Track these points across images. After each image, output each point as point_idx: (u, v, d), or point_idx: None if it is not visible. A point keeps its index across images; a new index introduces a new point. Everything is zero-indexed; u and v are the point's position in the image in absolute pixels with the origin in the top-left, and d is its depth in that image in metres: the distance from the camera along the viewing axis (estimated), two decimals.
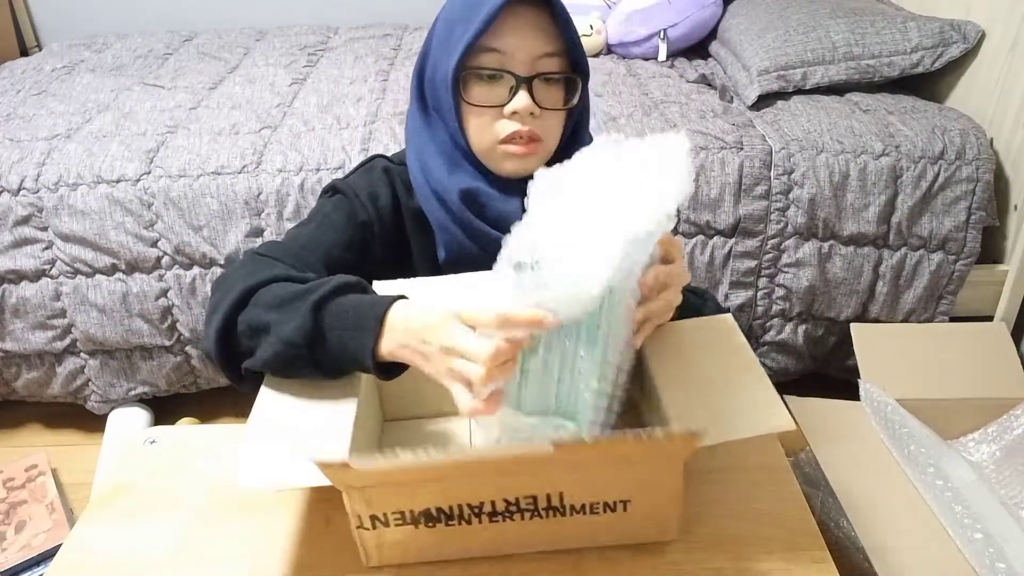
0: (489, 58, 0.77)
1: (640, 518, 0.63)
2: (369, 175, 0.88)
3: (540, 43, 0.77)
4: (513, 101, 0.77)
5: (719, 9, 2.07)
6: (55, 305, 1.52)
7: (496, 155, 0.81)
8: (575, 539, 0.64)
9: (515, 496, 0.60)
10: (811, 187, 1.52)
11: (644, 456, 0.59)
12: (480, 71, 0.78)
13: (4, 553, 1.38)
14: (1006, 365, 1.42)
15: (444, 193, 0.83)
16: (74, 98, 1.84)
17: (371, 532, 0.61)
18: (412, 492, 0.59)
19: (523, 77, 0.77)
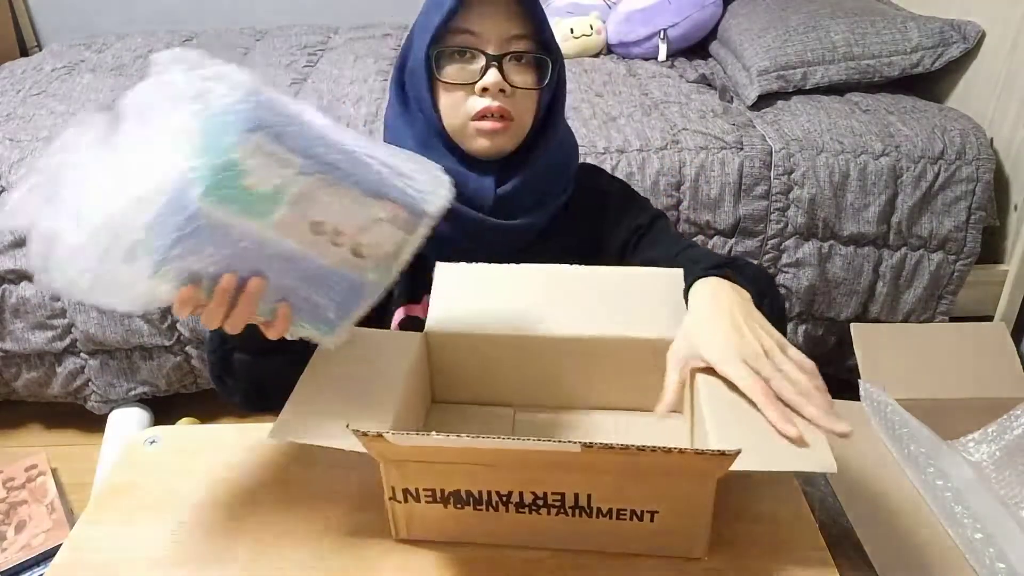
0: (461, 38, 0.81)
1: (667, 530, 0.63)
2: None
3: (510, 25, 0.81)
4: (484, 78, 0.80)
5: (719, 9, 2.07)
6: (55, 305, 1.52)
7: (468, 133, 0.84)
8: (601, 542, 0.64)
9: (543, 491, 0.61)
10: (811, 187, 1.52)
11: (674, 470, 0.59)
12: (452, 49, 0.81)
13: (4, 553, 1.38)
14: (1006, 365, 1.42)
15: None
16: (74, 98, 1.84)
17: (402, 505, 0.63)
18: (444, 472, 0.61)
19: (493, 55, 0.80)
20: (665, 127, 1.60)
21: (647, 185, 1.50)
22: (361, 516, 0.68)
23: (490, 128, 0.82)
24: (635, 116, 1.66)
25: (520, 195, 0.87)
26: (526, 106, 0.84)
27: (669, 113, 1.67)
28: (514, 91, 0.82)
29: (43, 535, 1.41)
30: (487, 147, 0.84)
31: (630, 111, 1.69)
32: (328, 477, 0.73)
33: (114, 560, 0.65)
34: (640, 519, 0.62)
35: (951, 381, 1.35)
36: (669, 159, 1.52)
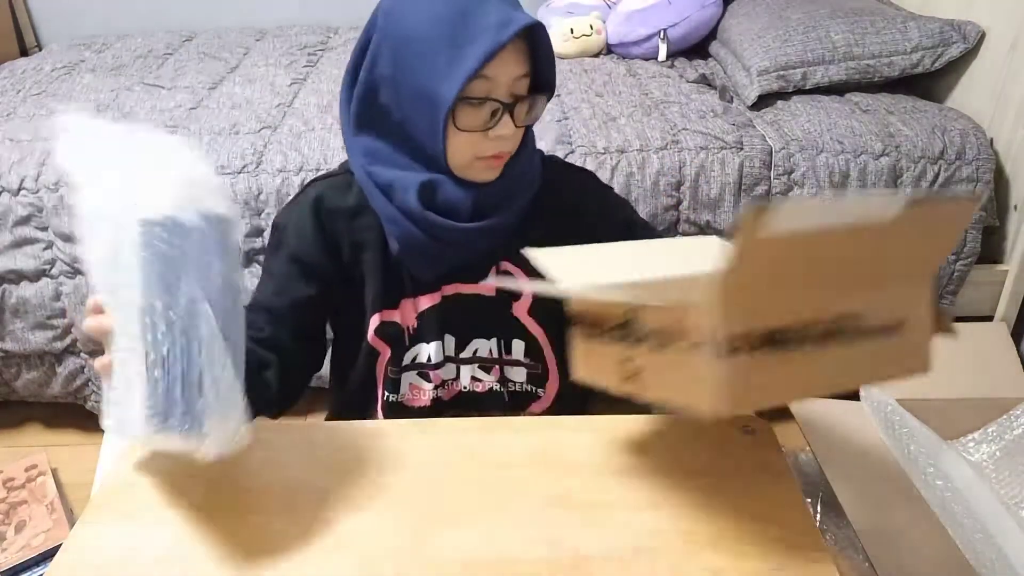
0: (478, 86, 0.78)
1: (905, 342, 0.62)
2: (299, 206, 0.90)
3: (518, 66, 0.79)
4: (498, 127, 0.80)
5: (719, 9, 2.07)
6: (55, 305, 1.52)
7: (473, 167, 0.83)
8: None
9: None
10: (811, 187, 1.52)
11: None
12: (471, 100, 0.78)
13: (4, 553, 1.38)
14: (1006, 365, 1.42)
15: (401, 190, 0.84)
16: (74, 98, 1.84)
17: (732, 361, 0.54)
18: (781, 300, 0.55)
19: (506, 104, 0.79)
20: (665, 127, 1.60)
21: (647, 185, 1.50)
22: (362, 516, 0.68)
23: (497, 164, 0.84)
24: (635, 116, 1.66)
25: (500, 195, 0.87)
26: (520, 135, 0.85)
27: (669, 113, 1.67)
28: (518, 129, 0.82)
29: (43, 535, 1.41)
30: (488, 177, 0.84)
31: (630, 111, 1.69)
32: (329, 477, 0.73)
33: (114, 560, 0.65)
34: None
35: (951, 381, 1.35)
36: (669, 159, 1.52)
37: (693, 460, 0.75)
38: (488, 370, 0.94)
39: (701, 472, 0.73)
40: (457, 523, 0.68)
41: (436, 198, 0.84)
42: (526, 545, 0.66)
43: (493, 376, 0.95)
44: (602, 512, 0.69)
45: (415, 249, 0.86)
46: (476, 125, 0.80)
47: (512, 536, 0.66)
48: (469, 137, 0.80)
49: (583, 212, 0.95)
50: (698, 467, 0.74)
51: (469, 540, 0.66)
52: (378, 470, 0.73)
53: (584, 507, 0.69)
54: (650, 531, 0.67)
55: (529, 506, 0.69)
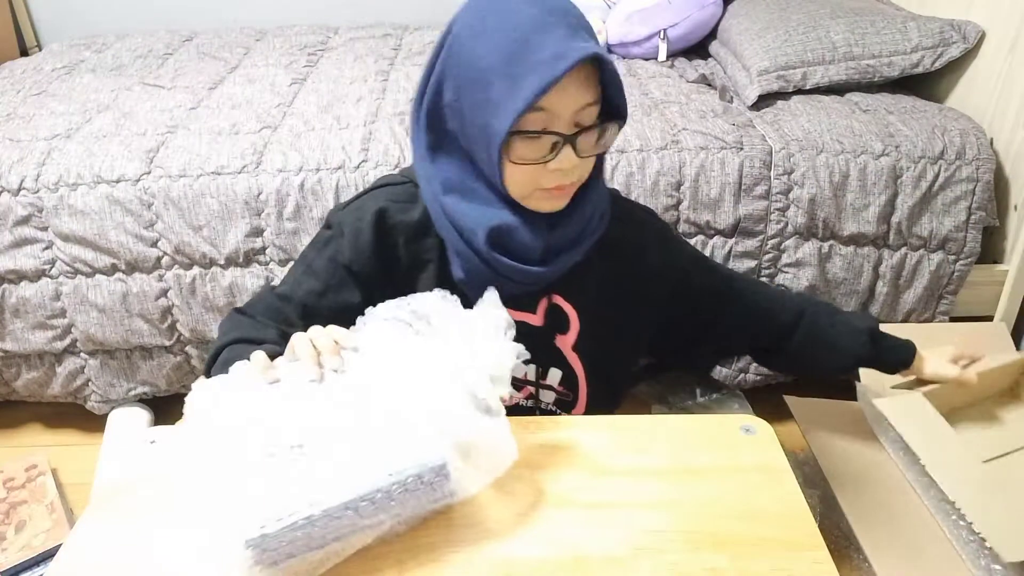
0: (534, 119, 0.75)
1: None
2: (361, 212, 0.88)
3: (582, 96, 0.75)
4: (557, 159, 0.76)
5: (719, 9, 2.07)
6: (55, 305, 1.52)
7: (534, 197, 0.81)
8: None
9: None
10: (811, 187, 1.52)
11: None
12: (527, 133, 0.75)
13: (4, 553, 1.38)
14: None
15: (469, 231, 0.82)
16: (74, 98, 1.84)
17: None
18: None
19: (567, 136, 0.76)
20: (665, 127, 1.60)
21: (647, 185, 1.50)
22: None
23: (556, 196, 0.80)
24: (635, 116, 1.66)
25: (568, 239, 0.85)
26: (588, 165, 0.81)
27: (669, 113, 1.67)
28: (582, 160, 0.78)
29: (43, 535, 1.41)
30: (552, 207, 0.82)
31: (630, 111, 1.66)
32: None
33: (114, 560, 0.65)
34: None
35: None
36: (669, 159, 1.52)
37: (693, 460, 0.75)
38: (519, 388, 0.94)
39: (701, 472, 0.74)
40: (457, 523, 0.68)
41: (508, 241, 0.82)
42: (526, 545, 0.66)
43: (522, 394, 0.94)
44: (602, 512, 0.69)
45: (479, 281, 0.83)
46: (534, 157, 0.77)
47: (512, 536, 0.66)
48: (528, 169, 0.77)
49: (644, 257, 0.94)
50: (698, 467, 0.74)
51: (469, 540, 0.66)
52: None
53: (584, 507, 0.69)
54: (650, 531, 0.67)
55: (529, 506, 0.69)
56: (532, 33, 0.72)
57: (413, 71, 1.98)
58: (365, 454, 0.62)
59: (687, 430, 0.80)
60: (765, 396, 1.57)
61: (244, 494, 0.59)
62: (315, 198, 1.49)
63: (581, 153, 0.77)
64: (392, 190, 0.90)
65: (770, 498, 0.70)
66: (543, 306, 0.90)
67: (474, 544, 0.66)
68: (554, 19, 0.73)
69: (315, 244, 0.91)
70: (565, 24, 0.73)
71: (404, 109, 1.71)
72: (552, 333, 0.92)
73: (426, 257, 0.88)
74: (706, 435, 0.79)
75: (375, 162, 1.51)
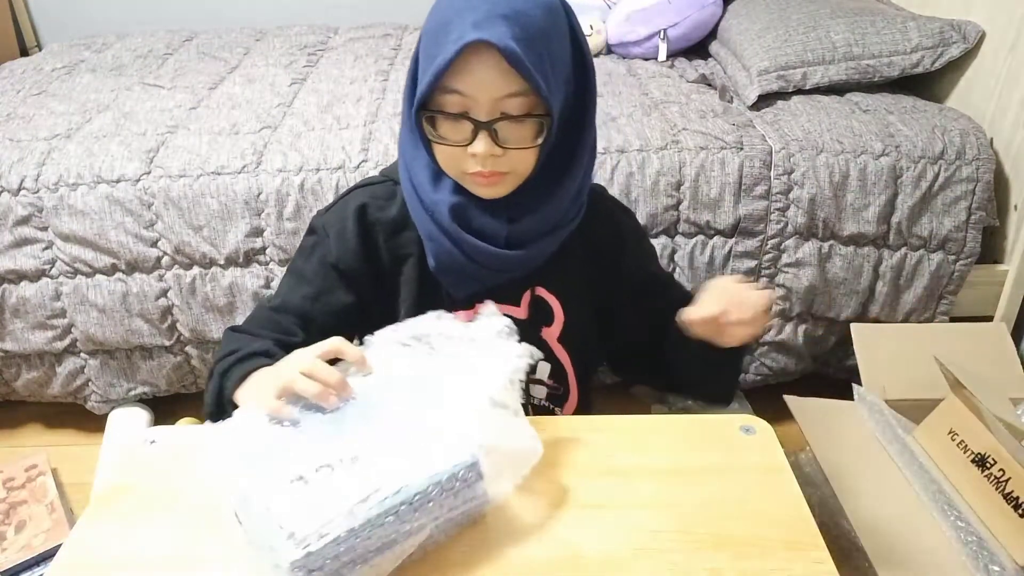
0: (451, 100, 0.76)
1: None
2: (342, 211, 0.90)
3: (503, 84, 0.75)
4: (473, 144, 0.77)
5: (719, 9, 2.07)
6: (55, 305, 1.52)
7: (466, 181, 0.82)
8: None
9: None
10: (811, 187, 1.52)
11: None
12: (446, 114, 0.77)
13: (4, 553, 1.38)
14: (1006, 365, 1.42)
15: (433, 207, 0.84)
16: (74, 98, 1.84)
17: None
18: None
19: (482, 122, 0.76)
20: (665, 127, 1.60)
21: (647, 185, 1.50)
22: None
23: (484, 182, 0.81)
24: (635, 116, 1.66)
25: (534, 230, 0.85)
26: (522, 158, 0.80)
27: (669, 113, 1.67)
28: (507, 151, 0.78)
29: (43, 535, 1.41)
30: (488, 194, 0.82)
31: (630, 111, 1.69)
32: None
33: (114, 560, 0.65)
34: None
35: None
36: (669, 159, 1.52)
37: (693, 460, 0.75)
38: None
39: (701, 472, 0.74)
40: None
41: (471, 223, 0.84)
42: (526, 545, 0.66)
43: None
44: (602, 512, 0.69)
45: (451, 267, 0.85)
46: (456, 140, 0.78)
47: (512, 536, 0.66)
48: (452, 150, 0.79)
49: (618, 255, 0.95)
50: (698, 467, 0.74)
51: (469, 540, 0.66)
52: None
53: (584, 507, 0.69)
54: (650, 531, 0.67)
55: (529, 506, 0.69)
56: (454, 15, 0.74)
57: None
58: (397, 462, 0.62)
59: (687, 430, 0.80)
60: (765, 396, 1.57)
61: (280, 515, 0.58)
62: (315, 198, 1.49)
63: (503, 143, 0.77)
64: (370, 189, 0.92)
65: (770, 498, 0.70)
66: (526, 299, 0.91)
67: (474, 544, 0.66)
68: (481, 3, 0.74)
69: (302, 252, 0.92)
70: (485, 10, 0.73)
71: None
72: (538, 326, 0.92)
73: (406, 252, 0.89)
74: (706, 435, 0.79)
75: (375, 162, 1.51)
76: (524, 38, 0.73)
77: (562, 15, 0.79)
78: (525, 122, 0.77)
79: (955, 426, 1.16)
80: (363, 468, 0.61)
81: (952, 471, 1.14)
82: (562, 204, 0.85)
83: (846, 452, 1.22)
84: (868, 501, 1.13)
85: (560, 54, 0.79)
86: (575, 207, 0.88)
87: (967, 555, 1.03)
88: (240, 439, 0.65)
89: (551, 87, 0.76)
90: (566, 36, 0.80)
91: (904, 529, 1.09)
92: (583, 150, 0.85)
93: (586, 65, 0.82)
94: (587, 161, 0.86)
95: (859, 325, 1.47)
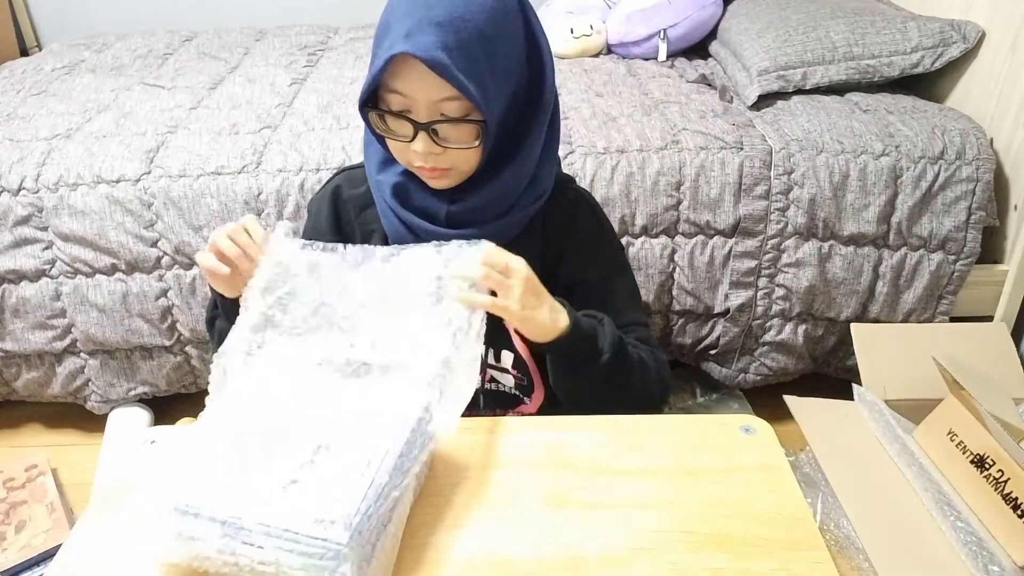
0: (394, 98, 0.80)
1: None
2: (322, 195, 1.00)
3: (435, 90, 0.78)
4: (413, 143, 0.81)
5: (719, 9, 2.07)
6: (55, 305, 1.52)
7: (416, 172, 0.87)
8: None
9: None
10: (811, 187, 1.52)
11: None
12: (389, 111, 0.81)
13: (4, 553, 1.38)
14: (1006, 365, 1.42)
15: (378, 187, 0.92)
16: (74, 98, 1.84)
17: None
18: None
19: (420, 123, 0.80)
20: (665, 127, 1.60)
21: (647, 185, 1.50)
22: None
23: (429, 175, 0.85)
24: (635, 116, 1.66)
25: (477, 210, 0.88)
26: (464, 157, 0.84)
27: (669, 113, 1.67)
28: (447, 149, 0.82)
29: (43, 535, 1.41)
30: (435, 185, 0.87)
31: (630, 111, 1.69)
32: None
33: (114, 560, 0.65)
34: None
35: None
36: (669, 159, 1.52)
37: (693, 460, 0.75)
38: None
39: (701, 472, 0.74)
40: (457, 523, 0.68)
41: (412, 201, 0.89)
42: (526, 545, 0.66)
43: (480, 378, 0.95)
44: (602, 512, 0.69)
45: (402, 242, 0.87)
46: (401, 135, 0.82)
47: (512, 536, 0.66)
48: (399, 144, 0.84)
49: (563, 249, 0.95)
50: (698, 467, 0.74)
51: (469, 540, 0.66)
52: None
53: (584, 507, 0.69)
54: (650, 531, 0.67)
55: (529, 506, 0.69)
56: (394, 20, 0.78)
57: None
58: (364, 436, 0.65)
59: (687, 430, 0.80)
60: (765, 396, 1.57)
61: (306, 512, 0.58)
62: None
63: (443, 142, 0.81)
64: (349, 172, 1.01)
65: (770, 498, 0.70)
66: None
67: (474, 544, 0.66)
68: (418, 9, 0.76)
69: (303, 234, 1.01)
70: (420, 17, 0.76)
71: None
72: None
73: (371, 227, 0.96)
74: (706, 435, 0.79)
75: None
76: (456, 46, 0.76)
77: (513, 14, 0.81)
78: (462, 125, 0.81)
79: (954, 427, 1.16)
80: (338, 451, 0.63)
81: (951, 472, 1.14)
82: (507, 188, 0.88)
83: (846, 452, 1.22)
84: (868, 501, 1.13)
85: (504, 55, 0.81)
86: (532, 193, 0.90)
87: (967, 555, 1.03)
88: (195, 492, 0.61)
89: (488, 91, 0.79)
90: (518, 34, 0.82)
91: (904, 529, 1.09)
92: (531, 143, 0.87)
93: (541, 62, 0.85)
94: (539, 151, 0.89)
95: (859, 325, 1.47)
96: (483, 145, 0.83)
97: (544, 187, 0.92)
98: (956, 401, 1.17)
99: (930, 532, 1.08)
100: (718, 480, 0.72)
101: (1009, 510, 1.04)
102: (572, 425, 0.80)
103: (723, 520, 0.68)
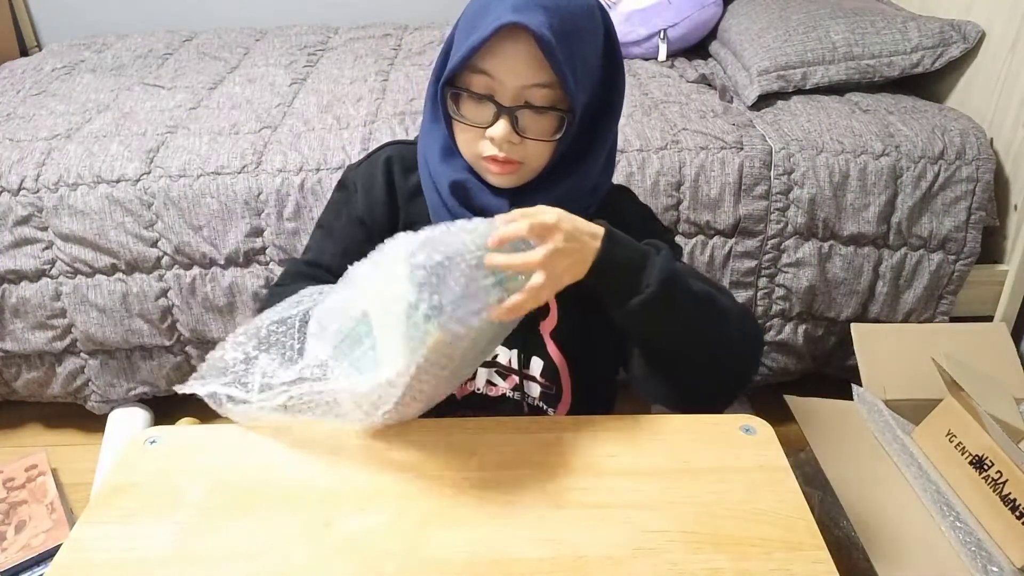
0: (478, 80, 0.78)
1: None
2: (371, 166, 0.94)
3: (531, 73, 0.76)
4: (493, 127, 0.79)
5: (719, 9, 2.07)
6: (55, 305, 1.52)
7: (479, 166, 0.84)
8: None
9: None
10: (811, 187, 1.52)
11: None
12: (471, 93, 0.79)
13: (4, 553, 1.38)
14: (1006, 365, 1.42)
15: (436, 177, 0.87)
16: (74, 98, 1.84)
17: None
18: None
19: (505, 107, 0.78)
20: (665, 127, 1.60)
21: (647, 185, 1.50)
22: (363, 517, 0.68)
23: (497, 170, 0.82)
24: (635, 116, 1.66)
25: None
26: (539, 151, 0.82)
27: (669, 113, 1.67)
28: (524, 140, 0.80)
29: (43, 535, 1.41)
30: (498, 182, 0.84)
31: (630, 111, 1.68)
32: (329, 477, 0.73)
33: (114, 560, 0.65)
34: None
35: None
36: (669, 159, 1.52)
37: (693, 460, 0.75)
38: (504, 377, 0.93)
39: (702, 472, 0.74)
40: (457, 523, 0.68)
41: (471, 200, 0.85)
42: (526, 545, 0.66)
43: (508, 384, 0.94)
44: (602, 512, 0.69)
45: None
46: (477, 120, 0.80)
47: (512, 536, 0.66)
48: (471, 131, 0.81)
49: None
50: (698, 467, 0.74)
51: (469, 540, 0.66)
52: (379, 470, 0.73)
53: (584, 507, 0.69)
54: (650, 531, 0.67)
55: (529, 506, 0.69)
56: (494, 1, 0.76)
57: (413, 71, 1.98)
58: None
59: (687, 430, 0.80)
60: (765, 396, 1.57)
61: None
62: (315, 198, 1.49)
63: (523, 131, 0.79)
64: (401, 147, 0.95)
65: (770, 498, 0.70)
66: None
67: (474, 544, 0.66)
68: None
69: (332, 207, 0.96)
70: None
71: (404, 109, 1.71)
72: (534, 318, 0.91)
73: (418, 219, 0.91)
74: (706, 435, 0.79)
75: None
76: (560, 31, 0.75)
77: (598, 17, 0.81)
78: (547, 114, 0.79)
79: (953, 427, 1.16)
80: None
81: (950, 472, 1.14)
82: (569, 196, 0.85)
83: (846, 452, 1.22)
84: (868, 501, 1.13)
85: (591, 54, 0.80)
86: (585, 203, 0.88)
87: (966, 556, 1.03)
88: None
89: (578, 84, 0.78)
90: (600, 38, 0.81)
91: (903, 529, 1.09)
92: (600, 149, 0.86)
93: (616, 70, 0.84)
94: (604, 161, 0.88)
95: (859, 325, 1.47)
96: (560, 141, 0.81)
97: (597, 198, 0.90)
98: (955, 402, 1.17)
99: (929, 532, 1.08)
100: (718, 480, 0.72)
101: (1007, 511, 1.04)
102: (572, 425, 0.80)
103: (723, 520, 0.68)
